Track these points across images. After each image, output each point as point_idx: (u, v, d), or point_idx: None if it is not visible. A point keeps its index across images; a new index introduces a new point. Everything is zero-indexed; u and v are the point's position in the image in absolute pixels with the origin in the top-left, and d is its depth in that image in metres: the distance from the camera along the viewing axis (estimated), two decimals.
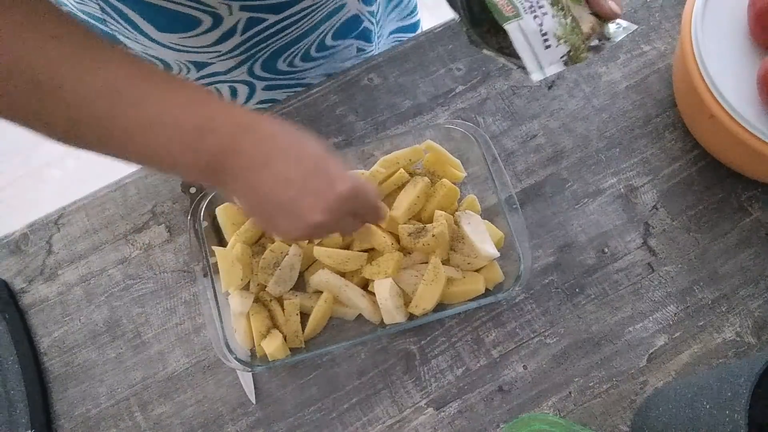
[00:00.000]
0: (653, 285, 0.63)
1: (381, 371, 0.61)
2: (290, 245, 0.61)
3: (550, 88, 0.71)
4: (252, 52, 0.68)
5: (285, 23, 0.66)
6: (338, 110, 0.71)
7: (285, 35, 0.68)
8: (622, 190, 0.66)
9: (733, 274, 0.63)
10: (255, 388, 0.61)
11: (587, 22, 0.49)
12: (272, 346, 0.58)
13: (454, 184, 0.63)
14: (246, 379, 0.61)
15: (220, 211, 0.63)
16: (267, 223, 0.48)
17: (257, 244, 0.64)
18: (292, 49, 0.70)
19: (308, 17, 0.67)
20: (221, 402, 0.61)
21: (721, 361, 0.60)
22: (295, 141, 0.46)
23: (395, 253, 0.60)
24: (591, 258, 0.64)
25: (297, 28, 0.68)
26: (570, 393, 0.60)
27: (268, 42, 0.68)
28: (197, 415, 0.61)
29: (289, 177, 0.44)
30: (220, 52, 0.66)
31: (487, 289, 0.62)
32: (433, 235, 0.59)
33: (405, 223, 0.62)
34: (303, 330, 0.61)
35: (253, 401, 0.61)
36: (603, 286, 0.63)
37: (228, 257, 0.60)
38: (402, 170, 0.64)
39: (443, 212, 0.62)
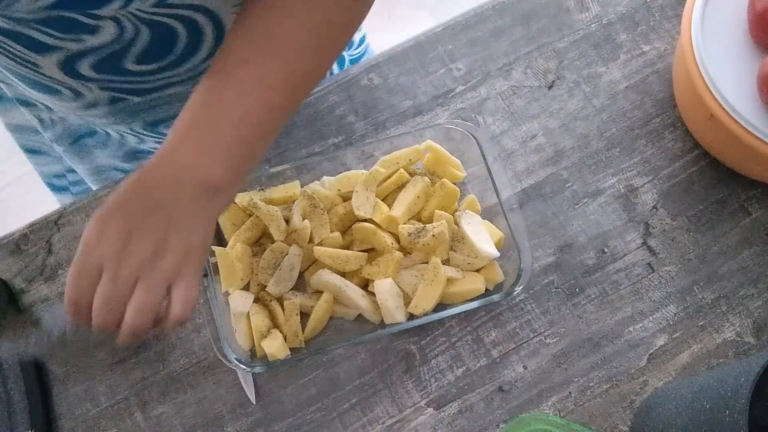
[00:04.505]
0: (653, 285, 0.63)
1: (381, 371, 0.61)
2: (290, 245, 0.61)
3: (550, 88, 0.71)
4: (123, 119, 0.66)
5: (152, 104, 0.64)
6: (338, 110, 0.71)
7: (157, 110, 0.65)
8: (622, 190, 0.66)
9: (733, 274, 0.63)
10: (255, 388, 0.61)
11: None
12: (272, 346, 0.58)
13: (454, 184, 0.63)
14: (246, 379, 0.61)
15: None
16: None
17: (257, 244, 0.64)
18: (172, 121, 0.58)
19: (182, 99, 0.55)
20: (221, 402, 0.61)
21: (721, 361, 0.60)
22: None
23: (395, 253, 0.60)
24: (591, 258, 0.64)
25: (170, 106, 0.65)
26: (570, 393, 0.60)
27: (139, 114, 0.65)
28: (197, 415, 0.61)
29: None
30: (90, 114, 0.65)
31: (487, 289, 0.62)
32: (433, 235, 0.59)
33: (405, 223, 0.62)
34: (303, 330, 0.61)
35: (253, 401, 0.61)
36: (603, 286, 0.63)
37: (228, 257, 0.60)
38: (402, 170, 0.64)
39: (443, 212, 0.62)
